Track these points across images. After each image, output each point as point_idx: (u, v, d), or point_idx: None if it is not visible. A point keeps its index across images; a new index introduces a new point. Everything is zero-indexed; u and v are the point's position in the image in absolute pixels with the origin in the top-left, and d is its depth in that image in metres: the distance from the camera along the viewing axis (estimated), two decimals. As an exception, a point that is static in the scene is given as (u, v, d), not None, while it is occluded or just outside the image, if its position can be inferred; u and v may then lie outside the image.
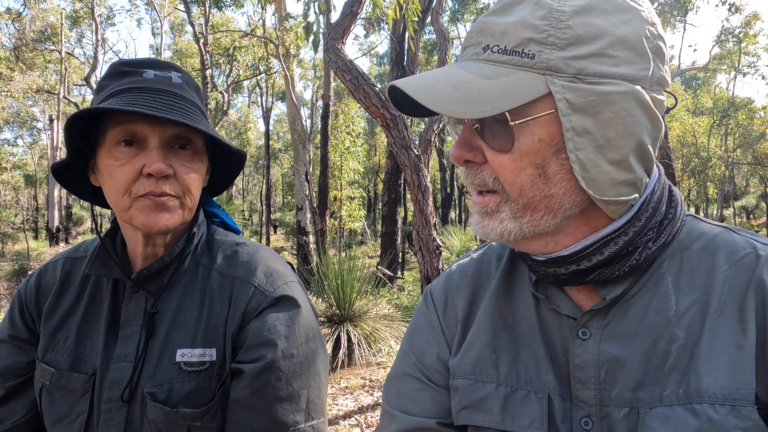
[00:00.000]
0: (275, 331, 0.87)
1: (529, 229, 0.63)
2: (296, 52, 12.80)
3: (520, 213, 0.63)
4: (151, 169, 0.83)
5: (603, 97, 0.57)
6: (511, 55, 0.59)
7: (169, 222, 0.86)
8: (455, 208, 27.30)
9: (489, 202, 0.64)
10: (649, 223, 0.64)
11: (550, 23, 0.58)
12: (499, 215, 0.64)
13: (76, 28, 24.48)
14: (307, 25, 3.73)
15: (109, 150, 0.85)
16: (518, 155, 0.60)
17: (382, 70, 29.24)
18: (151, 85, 0.86)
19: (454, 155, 0.64)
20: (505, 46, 0.59)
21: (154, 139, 0.85)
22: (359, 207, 13.27)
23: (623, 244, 0.63)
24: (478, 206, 0.66)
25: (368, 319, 5.53)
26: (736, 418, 0.56)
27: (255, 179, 42.44)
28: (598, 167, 0.59)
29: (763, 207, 25.81)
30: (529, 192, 0.61)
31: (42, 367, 0.92)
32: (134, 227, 0.88)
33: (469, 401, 0.70)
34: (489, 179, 0.63)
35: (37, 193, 31.61)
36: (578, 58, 0.57)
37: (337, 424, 3.91)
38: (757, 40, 22.77)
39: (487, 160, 0.63)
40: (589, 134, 0.58)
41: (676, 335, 0.61)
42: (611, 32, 0.58)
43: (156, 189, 0.84)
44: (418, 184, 3.48)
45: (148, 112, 0.80)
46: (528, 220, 0.62)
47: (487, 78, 0.59)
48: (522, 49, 0.58)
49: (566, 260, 0.64)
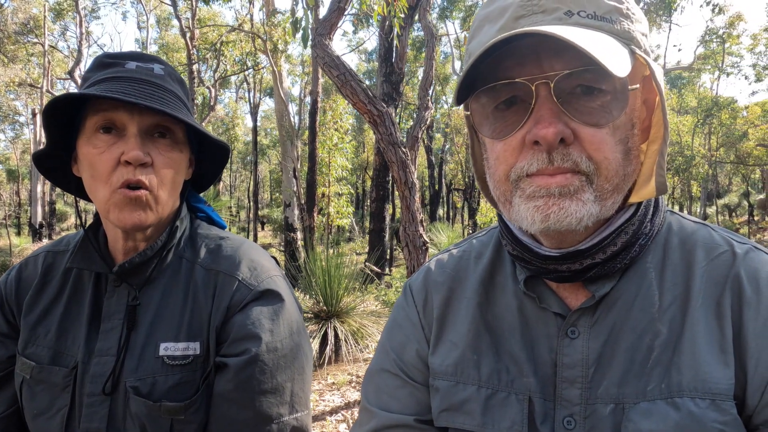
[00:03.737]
0: (259, 325, 0.88)
1: (607, 212, 0.59)
2: (284, 48, 12.71)
3: (607, 194, 0.58)
4: (128, 156, 0.83)
5: (659, 74, 0.60)
6: (603, 21, 0.57)
7: (143, 219, 0.86)
8: (443, 206, 27.34)
9: (572, 181, 0.57)
10: (647, 213, 0.65)
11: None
12: (582, 196, 0.57)
13: (60, 21, 24.06)
14: (295, 20, 3.71)
15: (88, 138, 0.85)
16: (613, 129, 0.57)
17: (370, 67, 29.16)
18: (132, 75, 0.86)
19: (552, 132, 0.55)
20: (594, 12, 0.57)
21: (132, 127, 0.85)
22: (347, 204, 13.24)
23: (632, 234, 0.63)
24: (556, 186, 0.57)
25: (355, 316, 5.53)
26: (715, 412, 0.57)
27: (242, 175, 42.13)
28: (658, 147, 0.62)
29: (745, 205, 26.24)
30: (621, 170, 0.58)
31: (22, 361, 0.91)
32: (111, 222, 0.88)
33: (450, 403, 0.70)
34: (580, 158, 0.56)
35: (20, 188, 31.09)
36: (643, 34, 0.60)
37: (324, 419, 3.91)
38: (741, 41, 23.10)
39: (575, 139, 0.57)
40: None
41: (659, 331, 0.62)
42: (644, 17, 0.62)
43: (132, 177, 0.84)
44: (405, 181, 3.48)
45: (124, 98, 0.80)
46: (611, 203, 0.59)
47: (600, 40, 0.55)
48: (611, 16, 0.58)
49: (584, 254, 0.63)
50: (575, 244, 0.63)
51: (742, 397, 0.58)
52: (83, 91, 0.81)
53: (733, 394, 0.57)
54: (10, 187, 31.83)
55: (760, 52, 24.49)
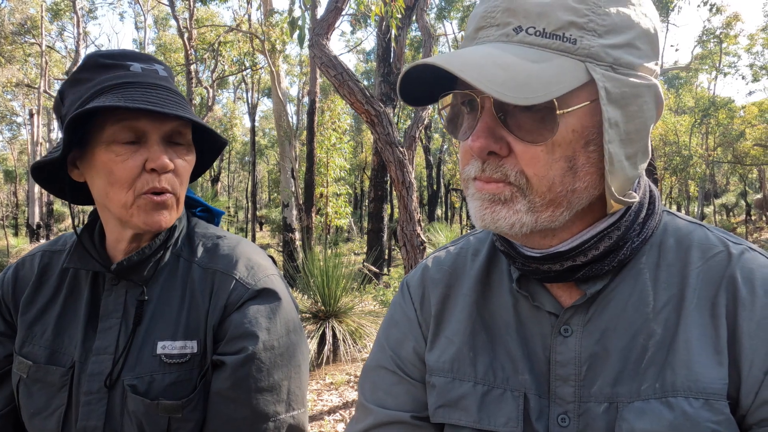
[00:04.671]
0: (256, 324, 0.88)
1: (545, 224, 0.60)
2: (282, 48, 12.71)
3: (541, 208, 0.59)
4: (156, 164, 0.84)
5: (633, 89, 0.57)
6: (551, 39, 0.56)
7: (168, 220, 0.88)
8: (441, 206, 27.41)
9: (503, 191, 0.59)
10: (637, 218, 0.64)
11: (589, 7, 0.55)
12: (514, 205, 0.59)
13: (57, 21, 24.03)
14: (292, 20, 3.71)
15: (107, 145, 0.85)
16: (551, 147, 0.57)
17: (368, 67, 29.19)
18: (144, 80, 0.86)
19: (477, 146, 0.58)
20: (543, 28, 0.56)
21: (155, 135, 0.86)
22: (345, 204, 13.25)
23: (617, 239, 0.63)
24: (488, 192, 0.60)
25: (353, 315, 5.54)
26: (709, 412, 0.57)
27: (241, 176, 42.10)
28: (620, 162, 0.58)
29: (743, 205, 26.30)
30: (558, 187, 0.58)
31: (19, 360, 0.91)
32: (132, 225, 0.88)
33: (446, 400, 0.70)
34: (511, 172, 0.59)
35: (17, 188, 31.02)
36: (615, 47, 0.56)
37: (322, 419, 3.91)
38: (738, 41, 23.18)
39: (511, 152, 0.59)
40: (617, 127, 0.57)
41: (653, 330, 0.62)
42: (638, 24, 0.57)
43: (159, 184, 0.85)
44: (402, 180, 3.49)
45: (154, 108, 0.81)
46: (548, 215, 0.60)
47: (532, 62, 0.54)
48: (563, 33, 0.55)
49: (563, 256, 0.63)
50: (550, 247, 0.64)
51: (736, 397, 0.58)
52: (110, 103, 0.80)
53: (726, 394, 0.58)
54: (7, 187, 31.76)
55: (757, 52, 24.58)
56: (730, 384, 0.58)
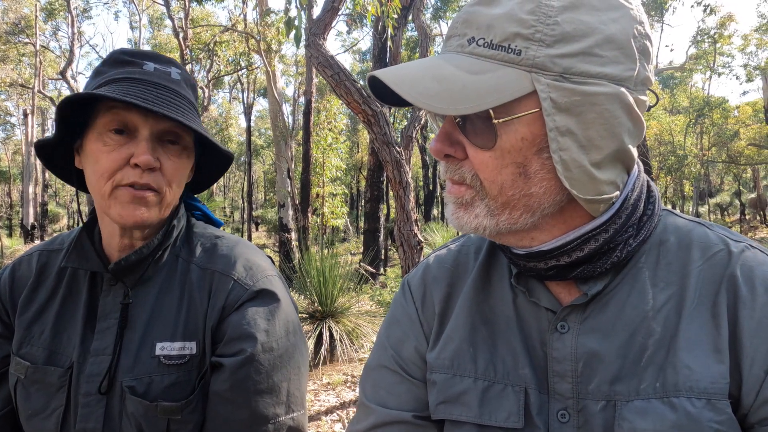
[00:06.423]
0: (255, 325, 0.88)
1: (506, 226, 0.62)
2: (278, 48, 12.69)
3: (497, 211, 0.62)
4: (138, 159, 0.83)
5: (587, 97, 0.56)
6: (496, 50, 0.57)
7: (145, 216, 0.86)
8: (438, 206, 27.40)
9: (464, 194, 0.63)
10: (629, 220, 0.64)
11: (538, 18, 0.56)
12: (473, 210, 0.63)
13: (51, 21, 23.91)
14: (288, 20, 3.70)
15: (98, 135, 0.85)
16: (500, 153, 0.59)
17: (364, 67, 29.17)
18: (150, 78, 0.87)
19: (434, 149, 0.62)
20: (491, 40, 0.57)
21: (144, 131, 0.85)
22: (342, 204, 13.24)
23: (603, 242, 0.63)
24: (452, 196, 0.64)
25: (350, 316, 5.54)
26: (711, 412, 0.57)
27: (236, 176, 41.98)
28: (581, 167, 0.58)
29: (737, 204, 26.44)
30: (509, 191, 0.60)
31: (17, 361, 0.91)
32: (111, 217, 0.87)
33: (446, 396, 0.70)
34: (468, 175, 0.62)
35: (11, 189, 30.84)
36: (565, 56, 0.56)
37: (319, 419, 3.91)
38: (732, 41, 23.31)
39: (467, 156, 0.61)
40: (573, 134, 0.57)
41: (653, 329, 0.62)
42: (600, 30, 0.56)
43: (139, 180, 0.84)
44: (399, 180, 3.49)
45: (140, 103, 0.80)
46: (506, 218, 0.62)
47: (472, 73, 0.57)
48: (508, 44, 0.56)
49: (546, 255, 0.64)
50: (530, 246, 0.65)
51: (738, 396, 0.58)
52: (101, 92, 0.81)
53: (728, 393, 0.58)
54: (1, 188, 31.59)
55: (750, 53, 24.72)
56: (732, 383, 0.58)
